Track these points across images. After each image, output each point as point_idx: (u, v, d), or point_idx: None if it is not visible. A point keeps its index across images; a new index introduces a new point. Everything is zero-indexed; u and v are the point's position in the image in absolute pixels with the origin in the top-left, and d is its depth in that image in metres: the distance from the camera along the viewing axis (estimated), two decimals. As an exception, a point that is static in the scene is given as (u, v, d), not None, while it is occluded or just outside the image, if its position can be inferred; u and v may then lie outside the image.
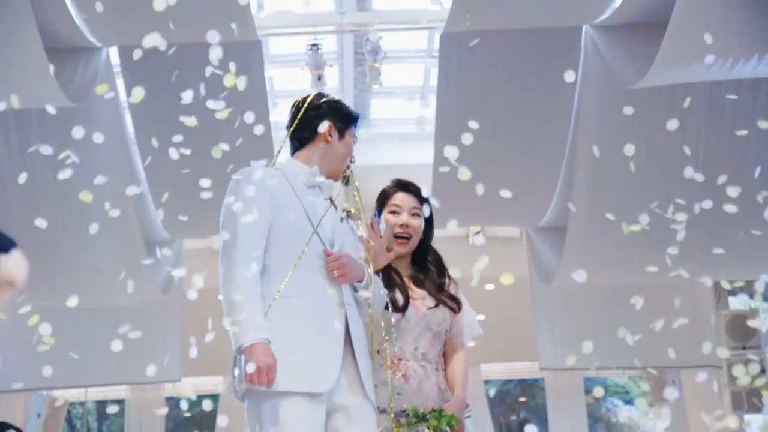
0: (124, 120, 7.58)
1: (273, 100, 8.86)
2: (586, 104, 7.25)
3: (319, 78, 7.88)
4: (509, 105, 7.36)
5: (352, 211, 3.74)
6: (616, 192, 7.63)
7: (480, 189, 3.50)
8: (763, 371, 7.95)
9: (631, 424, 16.04)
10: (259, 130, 3.27)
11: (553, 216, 8.38)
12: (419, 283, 3.80)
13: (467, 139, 3.04)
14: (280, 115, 9.12)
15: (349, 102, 9.00)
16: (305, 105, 3.59)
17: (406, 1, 8.36)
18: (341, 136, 3.62)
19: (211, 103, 3.03)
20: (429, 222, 3.89)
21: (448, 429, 3.47)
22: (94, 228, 8.01)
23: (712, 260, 8.10)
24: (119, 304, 8.93)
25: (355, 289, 3.42)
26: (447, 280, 3.84)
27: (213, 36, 5.78)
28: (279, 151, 3.64)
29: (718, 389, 9.24)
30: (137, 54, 2.79)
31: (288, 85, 9.03)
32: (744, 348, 8.82)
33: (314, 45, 7.69)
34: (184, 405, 6.55)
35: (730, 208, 8.18)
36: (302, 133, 3.59)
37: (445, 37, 7.03)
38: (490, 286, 9.09)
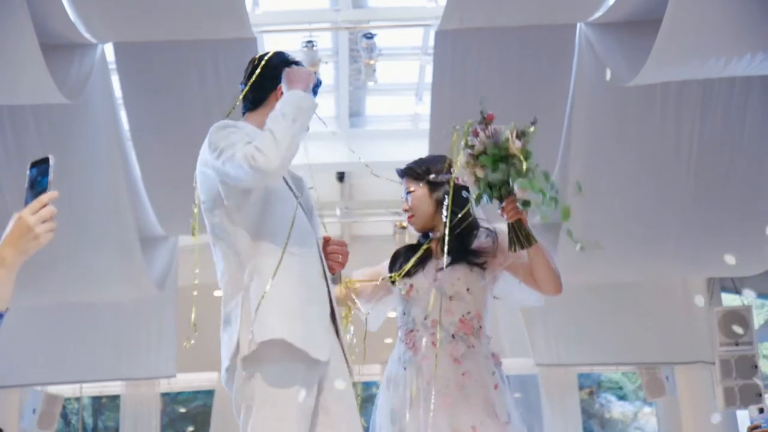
0: (119, 116, 7.58)
1: (268, 97, 8.86)
2: (580, 101, 7.26)
3: (315, 75, 7.88)
4: (504, 102, 7.35)
5: (303, 178, 3.55)
6: (610, 189, 7.66)
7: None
8: (755, 367, 7.93)
9: (625, 420, 16.08)
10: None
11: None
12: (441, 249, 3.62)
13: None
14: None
15: (344, 99, 9.08)
16: (262, 64, 3.40)
17: (400, -3, 8.38)
18: None
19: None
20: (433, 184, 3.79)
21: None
22: (89, 224, 8.00)
23: (705, 257, 8.21)
24: (114, 301, 8.96)
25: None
26: (473, 237, 3.71)
27: (208, 33, 5.80)
28: (231, 110, 3.45)
29: (711, 385, 9.28)
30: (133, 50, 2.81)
31: (283, 81, 9.02)
32: (737, 344, 8.85)
33: (309, 42, 7.68)
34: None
35: (723, 206, 8.19)
36: (256, 93, 3.40)
37: (440, 34, 7.04)
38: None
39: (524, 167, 3.39)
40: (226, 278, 3.15)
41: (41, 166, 2.19)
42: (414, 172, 3.83)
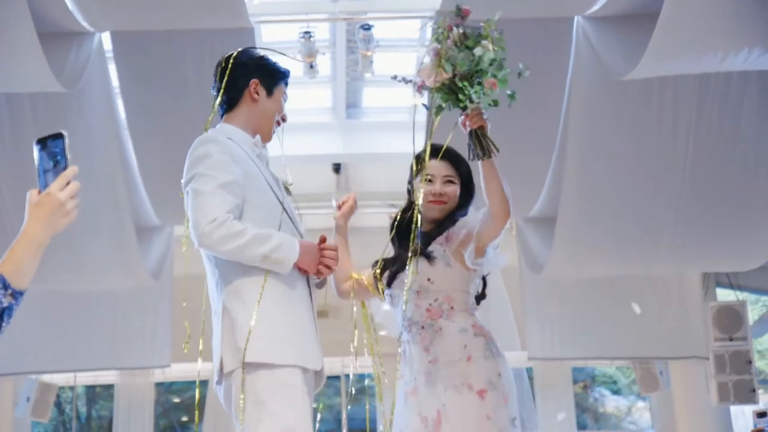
0: (116, 105, 7.58)
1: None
2: (577, 95, 7.27)
3: (311, 66, 7.87)
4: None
5: (288, 186, 3.55)
6: (606, 183, 7.67)
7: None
8: (749, 363, 7.95)
9: (619, 414, 16.09)
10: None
11: (543, 206, 8.41)
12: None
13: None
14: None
15: (341, 90, 9.07)
16: (230, 64, 3.39)
17: (399, -11, 8.36)
18: (269, 93, 3.42)
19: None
20: (467, 188, 3.84)
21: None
22: (85, 213, 7.96)
23: (700, 252, 8.22)
24: (109, 290, 8.96)
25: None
26: (444, 234, 3.73)
27: (206, 22, 5.78)
28: (211, 117, 3.43)
29: (705, 380, 9.30)
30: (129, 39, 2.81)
31: (280, 72, 9.02)
32: (731, 339, 8.87)
33: (307, 33, 7.68)
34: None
35: (719, 201, 8.19)
36: (230, 94, 3.39)
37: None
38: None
39: (495, 56, 3.42)
40: (209, 281, 3.24)
41: (54, 141, 2.18)
42: (459, 162, 3.81)
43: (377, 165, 9.95)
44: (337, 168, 9.88)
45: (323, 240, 3.30)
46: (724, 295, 9.85)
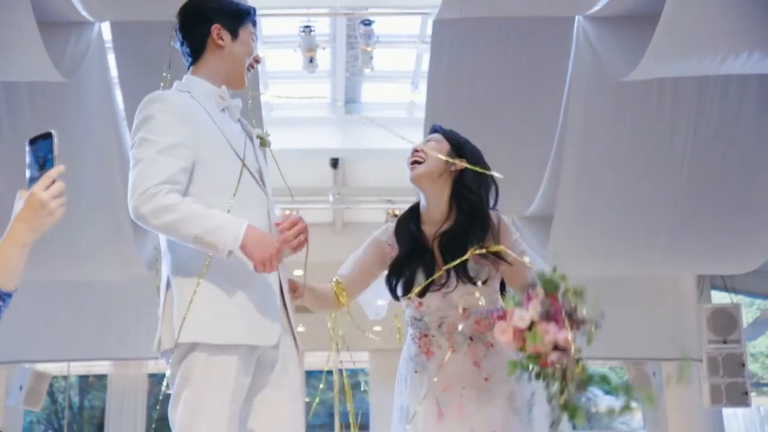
0: (114, 96, 7.56)
1: (264, 81, 8.87)
2: (577, 94, 7.26)
3: (311, 60, 7.88)
4: (499, 93, 7.38)
5: (265, 137, 3.25)
6: (604, 183, 7.68)
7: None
8: (742, 366, 7.95)
9: (611, 414, 16.12)
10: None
11: (540, 205, 8.41)
12: (443, 251, 3.47)
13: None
14: (271, 95, 9.13)
15: (340, 84, 9.08)
16: (187, 11, 3.18)
17: (400, -14, 8.37)
18: (234, 35, 3.14)
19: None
20: (476, 172, 3.52)
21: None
22: (82, 203, 7.95)
23: (695, 254, 8.23)
24: (105, 280, 8.96)
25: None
26: (482, 240, 3.43)
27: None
28: (167, 71, 3.34)
29: (698, 382, 9.32)
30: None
31: (280, 66, 9.04)
32: (725, 342, 8.90)
33: (307, 27, 7.69)
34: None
35: (716, 204, 8.18)
36: (191, 44, 3.14)
37: (438, 23, 7.04)
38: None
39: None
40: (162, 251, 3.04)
41: (43, 141, 2.19)
42: (444, 130, 3.65)
43: (374, 160, 9.96)
44: (334, 163, 9.89)
45: (278, 226, 2.96)
46: (719, 297, 9.89)
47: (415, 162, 3.54)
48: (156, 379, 12.57)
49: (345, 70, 8.89)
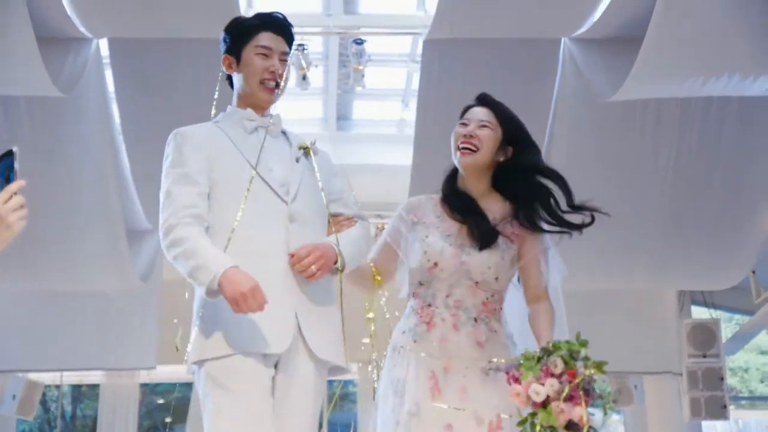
0: (112, 111, 7.65)
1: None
2: (562, 113, 7.36)
3: (304, 77, 7.98)
4: (487, 112, 7.48)
5: (309, 146, 3.33)
6: (588, 199, 7.78)
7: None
8: (721, 380, 8.08)
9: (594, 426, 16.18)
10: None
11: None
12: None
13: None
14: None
15: (332, 102, 9.20)
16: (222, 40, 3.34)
17: (391, 6, 8.49)
18: (238, 60, 3.25)
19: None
20: (525, 145, 3.57)
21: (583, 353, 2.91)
22: (78, 215, 8.03)
23: (676, 270, 8.34)
24: (98, 291, 9.01)
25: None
26: (521, 212, 3.47)
27: (202, 32, 5.81)
28: (215, 103, 3.42)
29: (678, 395, 9.41)
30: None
31: (273, 83, 9.12)
32: (704, 356, 9.00)
33: (300, 45, 7.78)
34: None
35: (697, 221, 8.30)
36: (228, 77, 3.36)
37: (428, 43, 7.15)
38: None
39: None
40: None
41: (6, 158, 2.22)
42: (500, 109, 3.58)
43: (365, 176, 10.07)
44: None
45: (292, 256, 3.02)
46: (699, 312, 9.97)
47: (466, 149, 3.46)
48: (148, 388, 12.62)
49: (337, 88, 8.99)
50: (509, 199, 3.54)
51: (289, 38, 3.33)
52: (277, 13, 3.32)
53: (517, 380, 2.96)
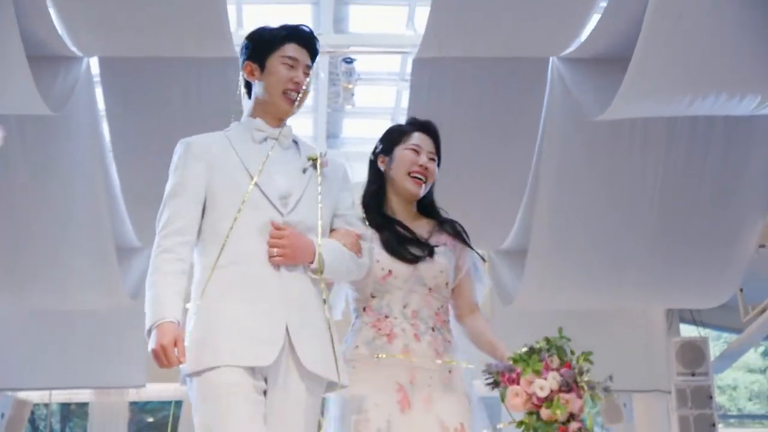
0: (102, 129, 7.67)
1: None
2: (551, 132, 7.43)
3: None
4: (476, 130, 7.51)
5: (317, 157, 3.26)
6: (577, 218, 7.82)
7: (443, 211, 3.66)
8: (710, 398, 8.10)
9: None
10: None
11: (514, 239, 8.53)
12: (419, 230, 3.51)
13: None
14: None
15: (322, 120, 9.22)
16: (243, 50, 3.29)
17: (381, 25, 8.55)
18: (262, 68, 3.20)
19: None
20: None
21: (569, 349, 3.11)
22: (67, 233, 8.04)
23: (665, 288, 8.39)
24: (88, 309, 9.00)
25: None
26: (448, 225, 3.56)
27: (193, 51, 5.81)
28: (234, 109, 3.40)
29: (667, 414, 9.42)
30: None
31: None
32: (693, 374, 9.02)
33: (290, 64, 7.81)
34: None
35: (685, 240, 8.34)
36: (245, 85, 3.30)
37: (417, 62, 7.20)
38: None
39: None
40: None
41: None
42: (439, 142, 3.69)
43: (356, 194, 10.08)
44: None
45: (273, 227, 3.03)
46: (688, 331, 10.00)
47: (419, 179, 3.56)
48: (137, 407, 12.59)
49: (327, 106, 9.02)
50: (434, 218, 3.64)
51: (313, 52, 3.30)
52: (304, 26, 3.30)
53: (513, 381, 3.06)
